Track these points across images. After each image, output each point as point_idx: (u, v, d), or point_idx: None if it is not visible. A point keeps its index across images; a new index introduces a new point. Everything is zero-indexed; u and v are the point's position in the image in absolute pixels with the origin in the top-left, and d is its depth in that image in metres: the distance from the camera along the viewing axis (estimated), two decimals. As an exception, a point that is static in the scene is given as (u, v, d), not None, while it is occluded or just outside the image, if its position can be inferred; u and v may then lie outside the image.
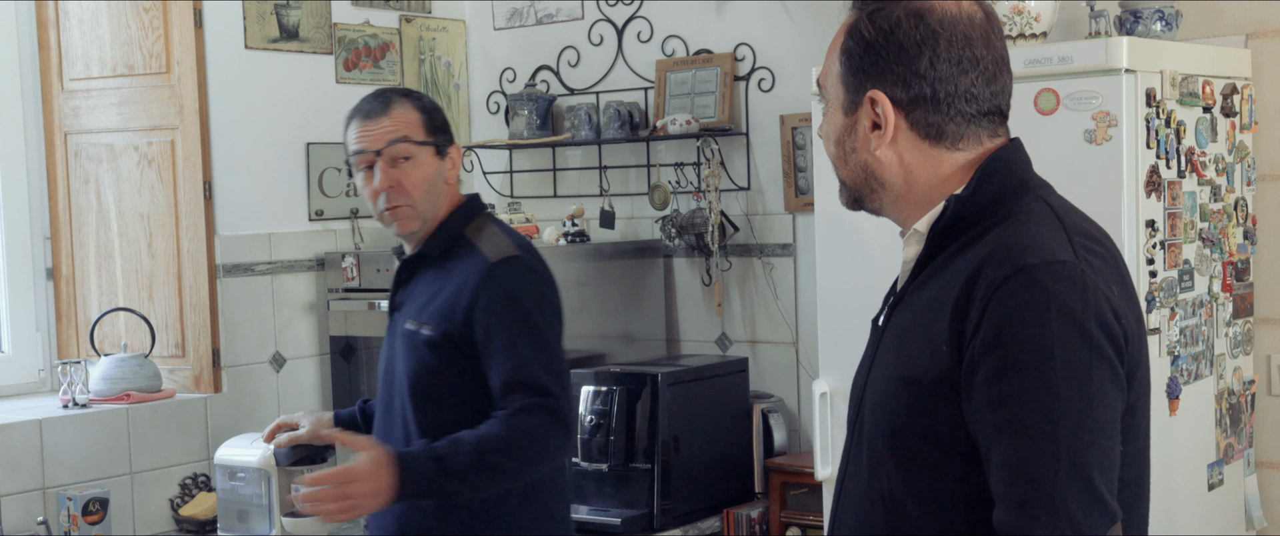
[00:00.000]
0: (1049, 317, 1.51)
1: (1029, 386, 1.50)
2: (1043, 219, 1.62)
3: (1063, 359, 1.50)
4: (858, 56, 1.68)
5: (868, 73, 1.67)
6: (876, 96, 1.67)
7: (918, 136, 1.67)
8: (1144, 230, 2.92)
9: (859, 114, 1.69)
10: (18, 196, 4.01)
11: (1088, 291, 1.53)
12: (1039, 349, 1.51)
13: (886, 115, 1.67)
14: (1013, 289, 1.53)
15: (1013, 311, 1.52)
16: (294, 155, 4.20)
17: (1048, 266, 1.54)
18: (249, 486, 3.58)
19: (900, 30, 1.65)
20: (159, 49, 3.93)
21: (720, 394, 3.90)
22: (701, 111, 4.17)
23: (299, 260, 4.17)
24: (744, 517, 3.79)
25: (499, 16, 4.65)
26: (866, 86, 1.67)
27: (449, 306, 2.66)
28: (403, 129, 2.69)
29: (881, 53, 1.66)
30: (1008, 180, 1.67)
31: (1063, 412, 1.49)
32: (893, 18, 1.66)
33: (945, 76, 1.66)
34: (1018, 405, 1.51)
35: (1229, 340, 3.27)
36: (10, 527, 3.51)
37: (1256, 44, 3.36)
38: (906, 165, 1.68)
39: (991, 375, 1.52)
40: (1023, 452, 1.50)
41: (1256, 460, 3.40)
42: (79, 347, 4.03)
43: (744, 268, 4.18)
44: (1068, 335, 1.51)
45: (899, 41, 1.65)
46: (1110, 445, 1.53)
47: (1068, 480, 1.48)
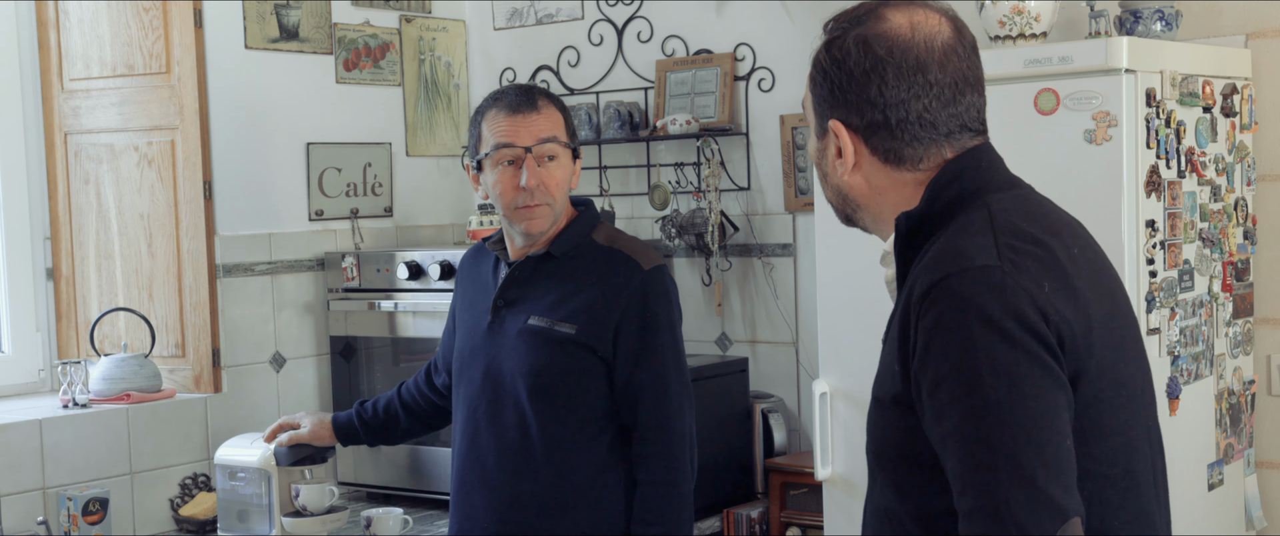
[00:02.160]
0: (968, 324, 1.53)
1: (959, 394, 1.52)
2: (974, 226, 1.62)
3: (987, 364, 1.51)
4: (819, 85, 1.73)
5: (827, 102, 1.72)
6: (834, 126, 1.71)
7: (879, 161, 1.71)
8: (1144, 230, 2.92)
9: (826, 140, 1.74)
10: (18, 196, 4.01)
11: (1006, 292, 1.54)
12: (961, 356, 1.52)
13: (845, 143, 1.71)
14: (933, 300, 1.56)
15: (934, 322, 1.55)
16: (294, 155, 4.20)
17: (964, 273, 1.55)
18: (249, 486, 3.58)
19: (850, 59, 1.69)
20: (159, 49, 3.93)
21: (720, 394, 3.90)
22: (701, 111, 4.17)
23: (299, 260, 4.18)
24: (744, 517, 3.79)
25: (499, 16, 4.65)
26: (827, 115, 1.72)
27: (594, 308, 2.70)
28: (553, 129, 2.74)
29: (835, 82, 1.70)
30: (960, 190, 1.68)
31: (993, 416, 1.50)
32: (843, 47, 1.70)
33: (895, 102, 1.68)
34: (953, 415, 1.53)
35: (1229, 340, 3.27)
36: (10, 527, 3.51)
37: (1256, 44, 3.36)
38: (875, 187, 1.72)
39: (929, 388, 1.55)
40: (964, 461, 1.51)
41: (1256, 460, 3.40)
42: (79, 347, 4.03)
43: (744, 268, 4.18)
44: (987, 339, 1.52)
45: (849, 70, 1.69)
46: (1052, 440, 1.52)
47: (1008, 483, 1.49)
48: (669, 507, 2.71)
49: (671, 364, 2.73)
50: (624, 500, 2.73)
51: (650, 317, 2.71)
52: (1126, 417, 1.66)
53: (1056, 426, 1.53)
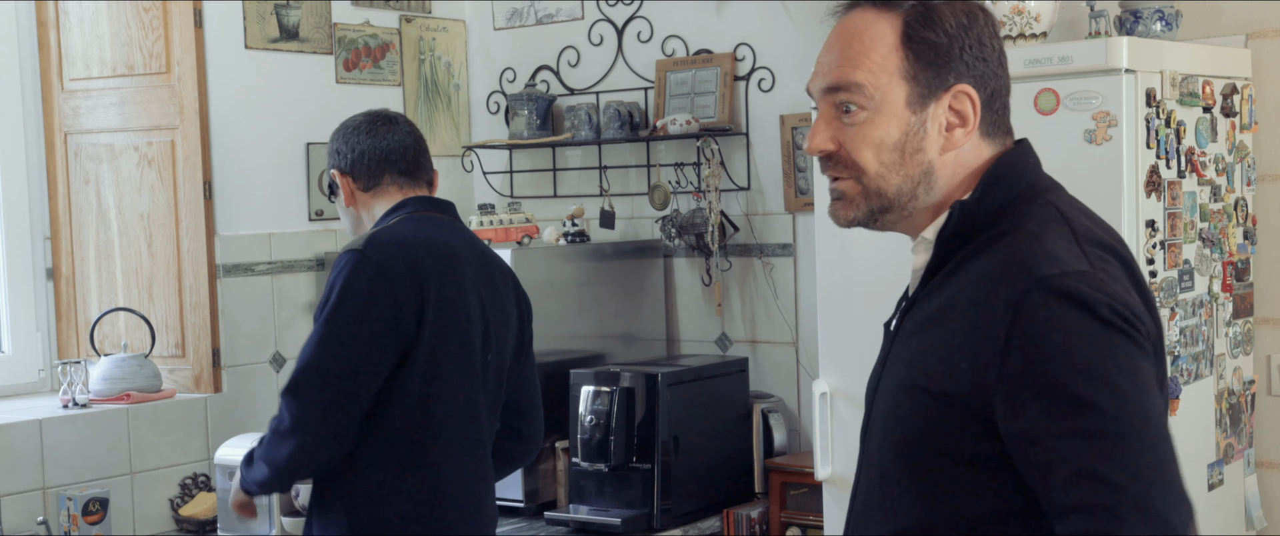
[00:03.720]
0: (1088, 325, 1.47)
1: (1087, 394, 1.45)
2: (1053, 229, 1.57)
3: (1113, 364, 1.47)
4: (939, 48, 1.60)
5: (951, 68, 1.61)
6: (966, 89, 1.61)
7: (979, 136, 1.64)
8: (1144, 230, 2.92)
9: (933, 110, 1.61)
10: (18, 196, 4.01)
11: (1114, 297, 1.50)
12: (1084, 357, 1.46)
13: (975, 110, 1.62)
14: (1039, 304, 1.48)
15: (1044, 326, 1.48)
16: (294, 155, 4.20)
17: (1067, 276, 1.50)
18: (249, 486, 3.58)
19: (976, 22, 1.62)
20: (159, 49, 3.93)
21: (720, 394, 3.90)
22: (701, 111, 4.17)
23: (299, 260, 4.18)
24: (744, 517, 3.79)
25: (499, 16, 4.65)
26: (950, 81, 1.61)
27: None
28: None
29: (963, 45, 1.61)
30: (1015, 185, 1.62)
31: (1128, 413, 1.45)
32: (967, 10, 1.62)
33: (1000, 75, 1.64)
34: (1079, 415, 1.45)
35: (1229, 340, 3.27)
36: (10, 527, 3.51)
37: (1256, 44, 3.36)
38: (959, 166, 1.64)
39: (1040, 391, 1.47)
40: (1097, 460, 1.44)
41: (1256, 460, 3.40)
42: (79, 347, 4.03)
43: (744, 268, 4.18)
44: (1112, 339, 1.47)
45: (978, 36, 1.62)
46: (1170, 438, 1.50)
47: (1150, 479, 1.44)
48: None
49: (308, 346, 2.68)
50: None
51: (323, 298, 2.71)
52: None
53: (1167, 425, 1.51)
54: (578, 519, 3.67)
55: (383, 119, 2.90)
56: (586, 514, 3.69)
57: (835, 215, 1.69)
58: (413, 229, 2.77)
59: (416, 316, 2.67)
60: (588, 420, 3.66)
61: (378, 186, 2.85)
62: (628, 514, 3.64)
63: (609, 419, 3.64)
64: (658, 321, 4.29)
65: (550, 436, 3.84)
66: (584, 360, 3.97)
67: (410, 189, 2.86)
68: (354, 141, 2.87)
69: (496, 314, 2.85)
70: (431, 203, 2.86)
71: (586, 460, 3.69)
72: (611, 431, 3.64)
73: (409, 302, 2.66)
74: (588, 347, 4.04)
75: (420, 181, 2.89)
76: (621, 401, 3.65)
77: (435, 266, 2.72)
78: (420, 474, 2.71)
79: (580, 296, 4.04)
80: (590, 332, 4.06)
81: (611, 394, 3.66)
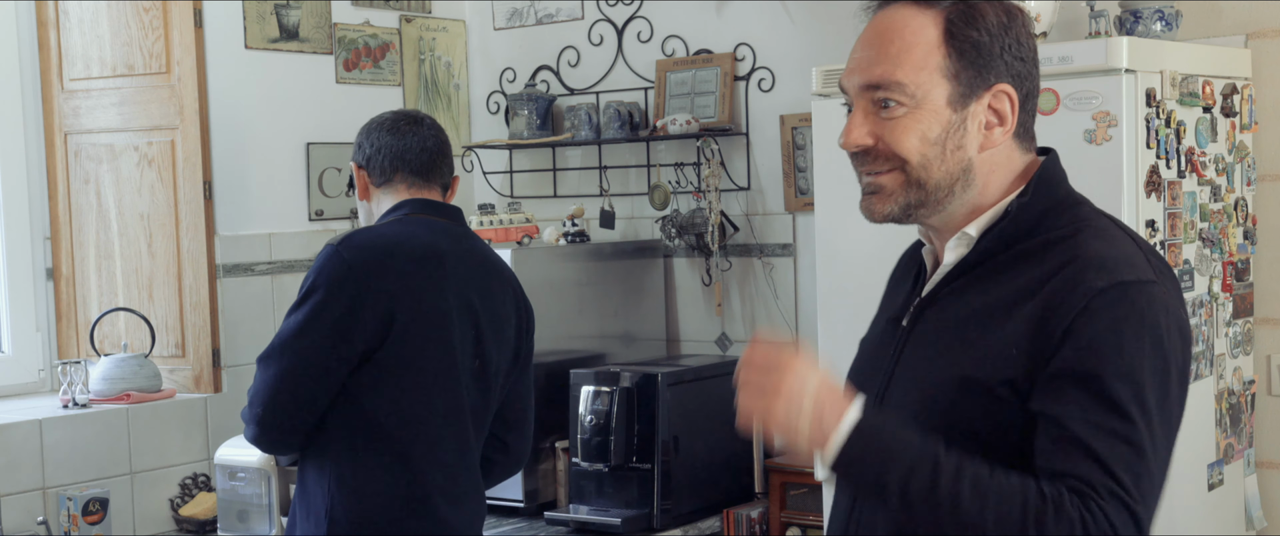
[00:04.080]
0: (1142, 336, 1.53)
1: (1124, 400, 1.51)
2: (1120, 236, 1.62)
3: (1155, 379, 1.53)
4: (981, 48, 1.61)
5: (992, 67, 1.62)
6: (1007, 89, 1.63)
7: (1013, 137, 1.66)
8: (1144, 230, 2.92)
9: (973, 108, 1.63)
10: (18, 196, 4.01)
11: (1172, 316, 1.57)
12: (1134, 366, 1.52)
13: (1013, 110, 1.64)
14: (1111, 301, 1.53)
15: (1107, 324, 1.52)
16: (294, 155, 4.20)
17: (1142, 286, 1.55)
18: (249, 486, 3.58)
19: (1016, 25, 1.64)
20: (159, 49, 3.93)
21: (720, 394, 3.88)
22: (701, 111, 4.17)
23: (299, 260, 4.17)
24: (744, 517, 3.79)
25: (499, 16, 4.65)
26: (991, 81, 1.62)
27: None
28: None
29: (1006, 46, 1.62)
30: (1057, 190, 1.66)
31: (1154, 434, 1.52)
32: (1007, 10, 1.63)
33: (1034, 75, 1.66)
34: (1111, 416, 1.50)
35: (1229, 340, 3.27)
36: (10, 527, 3.51)
37: (1256, 44, 3.36)
38: (995, 165, 1.65)
39: (1081, 382, 1.52)
40: (1111, 456, 1.49)
41: (1256, 460, 3.40)
42: (79, 347, 4.03)
43: (744, 268, 4.18)
44: (1158, 356, 1.54)
45: (1017, 36, 1.63)
46: (1166, 463, 1.57)
47: (1147, 498, 1.52)
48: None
49: (278, 332, 2.73)
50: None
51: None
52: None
53: (1174, 435, 1.60)
54: (578, 519, 3.67)
55: (408, 119, 2.92)
56: (586, 514, 3.69)
57: (870, 209, 1.68)
58: (398, 230, 2.78)
59: (384, 317, 2.68)
60: (588, 420, 3.67)
61: (389, 184, 2.88)
62: (628, 514, 3.64)
63: (609, 419, 3.64)
64: (658, 321, 4.29)
65: (550, 436, 3.84)
66: (584, 360, 3.97)
67: (419, 190, 2.87)
68: (375, 138, 2.90)
69: (490, 319, 2.84)
70: (432, 206, 2.87)
71: (586, 460, 3.69)
72: (611, 431, 3.64)
73: (373, 302, 2.67)
74: (588, 347, 4.04)
75: (433, 184, 2.90)
76: (621, 401, 3.65)
77: (410, 268, 2.72)
78: (401, 474, 2.72)
79: (580, 296, 4.04)
80: (590, 332, 4.06)
81: (611, 394, 3.66)
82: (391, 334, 2.68)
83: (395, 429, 2.70)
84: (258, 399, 2.71)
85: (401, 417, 2.71)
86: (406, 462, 2.71)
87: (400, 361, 2.70)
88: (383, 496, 2.70)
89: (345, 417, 2.71)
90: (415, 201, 2.86)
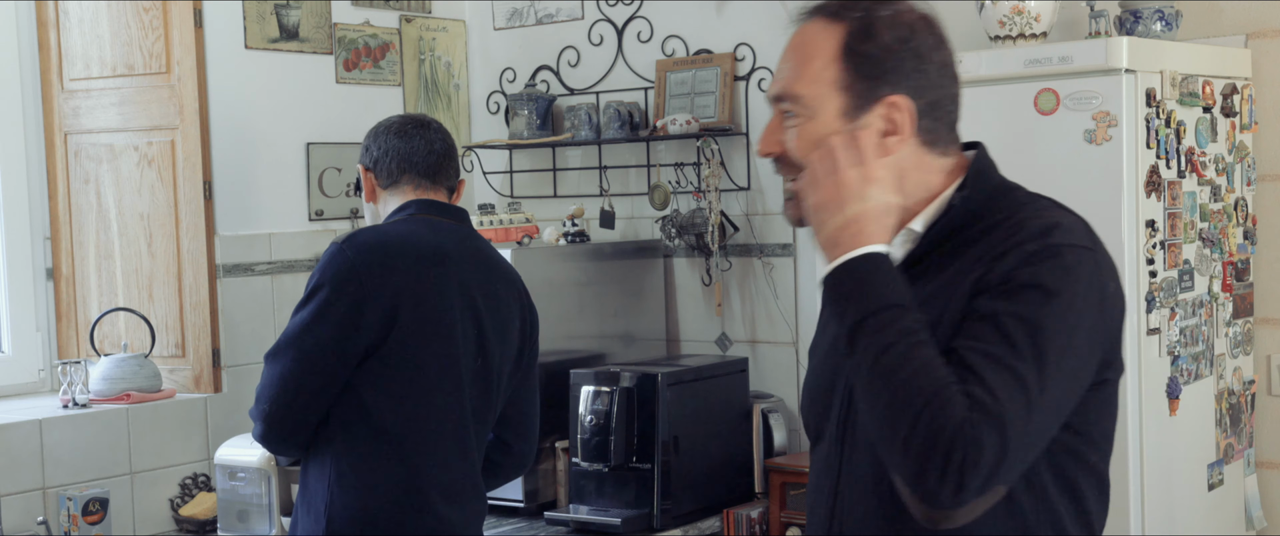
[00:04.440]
0: (1061, 290, 1.58)
1: (1017, 336, 1.56)
2: (1059, 209, 1.70)
3: (1059, 329, 1.57)
4: (873, 61, 1.67)
5: (884, 78, 1.67)
6: (898, 101, 1.67)
7: (917, 143, 1.70)
8: (1144, 230, 2.92)
9: (866, 119, 1.67)
10: (18, 196, 4.01)
11: (1096, 281, 1.63)
12: (1055, 313, 1.57)
13: (908, 120, 1.67)
14: (1037, 257, 1.60)
15: (1031, 275, 1.59)
16: (294, 155, 4.20)
17: (1074, 249, 1.62)
18: (249, 486, 3.58)
19: (917, 37, 1.68)
20: (159, 49, 3.93)
21: (720, 394, 3.90)
22: (701, 111, 4.17)
23: (299, 260, 4.17)
24: (744, 517, 3.79)
25: (499, 16, 4.65)
26: (882, 91, 1.67)
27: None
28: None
29: (900, 58, 1.67)
30: (992, 180, 1.73)
31: (1042, 370, 1.55)
32: (907, 23, 1.68)
33: (944, 85, 1.70)
34: (1002, 344, 1.55)
35: (1229, 340, 3.27)
36: (10, 527, 3.51)
37: (1256, 44, 3.36)
38: (900, 170, 1.68)
39: (988, 315, 1.58)
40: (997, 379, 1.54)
41: (1256, 460, 3.40)
42: (79, 347, 4.03)
43: (744, 268, 4.18)
44: (1070, 313, 1.59)
45: (916, 48, 1.68)
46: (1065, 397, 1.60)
47: (1027, 419, 1.54)
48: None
49: (285, 330, 2.77)
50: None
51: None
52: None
53: (1067, 396, 1.61)
54: (578, 519, 3.67)
55: (416, 122, 2.96)
56: (586, 514, 3.69)
57: (786, 214, 1.78)
58: (403, 229, 2.82)
59: (387, 314, 2.70)
60: (588, 420, 3.67)
61: (396, 186, 2.92)
62: (628, 514, 3.64)
63: (609, 419, 3.64)
64: (658, 321, 4.29)
65: (550, 436, 3.84)
66: (584, 360, 3.97)
67: (426, 191, 2.91)
68: (383, 140, 2.94)
69: (494, 320, 2.86)
70: (438, 206, 2.89)
71: (586, 460, 3.69)
72: (611, 431, 3.64)
73: (377, 298, 2.69)
74: (588, 347, 4.04)
75: (439, 186, 2.93)
76: (621, 401, 3.65)
77: (414, 266, 2.75)
78: (400, 470, 2.73)
79: (580, 296, 4.04)
80: (590, 332, 4.06)
81: (611, 394, 3.66)
82: (394, 330, 2.70)
83: (395, 424, 2.72)
84: (265, 395, 2.74)
85: (401, 414, 2.72)
86: (405, 459, 2.72)
87: (402, 358, 2.72)
88: (381, 491, 2.71)
89: (346, 413, 2.72)
90: (421, 202, 2.88)
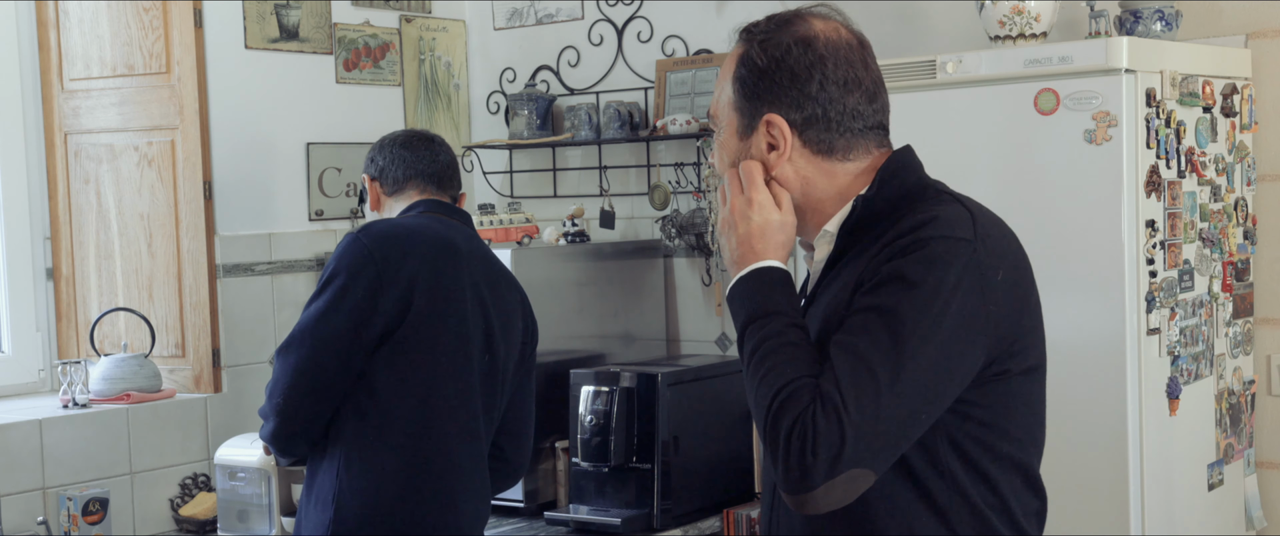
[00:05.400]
0: (927, 279, 1.65)
1: (872, 325, 1.65)
2: (949, 206, 1.76)
3: (921, 319, 1.64)
4: (752, 83, 1.81)
5: (763, 98, 1.81)
6: (772, 118, 1.80)
7: (810, 152, 1.81)
8: (1144, 230, 2.92)
9: (754, 137, 1.82)
10: (18, 196, 4.01)
11: (972, 270, 1.68)
12: (905, 300, 1.65)
13: (783, 135, 1.80)
14: (906, 249, 1.68)
15: (897, 268, 1.67)
16: (294, 155, 4.20)
17: (948, 241, 1.68)
18: (249, 486, 3.58)
19: (790, 57, 1.80)
20: (159, 49, 3.93)
21: (720, 394, 3.90)
22: (701, 111, 4.16)
23: (299, 260, 4.18)
24: (744, 517, 3.79)
25: (499, 16, 4.65)
26: (762, 110, 1.81)
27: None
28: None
29: (774, 78, 1.80)
30: (908, 179, 1.81)
31: (898, 358, 1.63)
32: (783, 45, 1.80)
33: (833, 97, 1.80)
34: (860, 335, 1.65)
35: (1229, 340, 3.27)
36: (10, 527, 3.51)
37: (1256, 44, 3.36)
38: (803, 178, 1.81)
39: (858, 310, 1.67)
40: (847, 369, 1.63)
41: (1256, 460, 3.40)
42: (79, 347, 4.03)
43: (744, 268, 4.17)
44: (936, 301, 1.65)
45: (790, 67, 1.80)
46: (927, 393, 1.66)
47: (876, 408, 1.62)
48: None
49: (300, 319, 2.78)
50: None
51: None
52: (1043, 402, 1.85)
53: (937, 396, 1.67)
54: (578, 519, 3.67)
55: (422, 137, 3.04)
56: (586, 514, 3.68)
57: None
58: (416, 221, 2.88)
59: (402, 300, 2.73)
60: (588, 420, 3.66)
61: (401, 190, 3.01)
62: (628, 514, 3.63)
63: (609, 419, 3.64)
64: (658, 321, 4.29)
65: (550, 436, 3.84)
66: (584, 360, 3.97)
67: (432, 194, 2.99)
68: (390, 152, 3.00)
69: (501, 320, 2.90)
70: (445, 207, 2.96)
71: (586, 460, 3.69)
72: (611, 431, 3.64)
73: (394, 286, 2.72)
74: (588, 347, 4.04)
75: (444, 193, 3.02)
76: (621, 401, 3.65)
77: (430, 256, 2.79)
78: (412, 457, 2.76)
79: (580, 296, 4.04)
80: (590, 332, 4.06)
81: (611, 394, 3.66)
82: (409, 316, 2.74)
83: (406, 410, 2.74)
84: (278, 388, 2.75)
85: (414, 399, 2.75)
86: (416, 444, 2.76)
87: (414, 343, 2.76)
88: (391, 477, 2.73)
89: (358, 402, 2.75)
90: (430, 201, 2.95)
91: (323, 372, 2.72)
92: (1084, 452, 2.91)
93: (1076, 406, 2.87)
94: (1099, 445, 2.92)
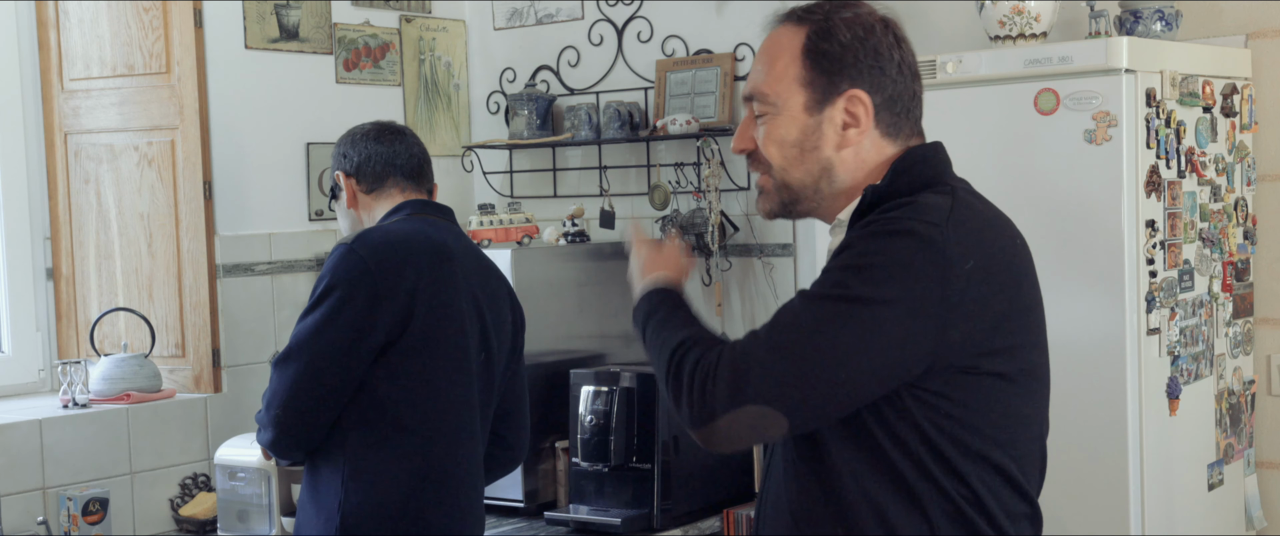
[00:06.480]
0: (884, 254, 1.68)
1: (793, 304, 1.70)
2: (935, 200, 1.75)
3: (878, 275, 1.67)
4: (835, 56, 1.80)
5: (845, 74, 1.80)
6: (858, 94, 1.80)
7: (878, 134, 1.82)
8: (1144, 230, 2.92)
9: (829, 113, 1.81)
10: (18, 196, 4.01)
11: (938, 246, 1.68)
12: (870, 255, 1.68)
13: (867, 112, 1.80)
14: (874, 225, 1.71)
15: (863, 237, 1.71)
16: (294, 155, 4.20)
17: (909, 222, 1.70)
18: (249, 486, 3.58)
19: (874, 36, 1.80)
20: (159, 49, 3.93)
21: (720, 394, 3.89)
22: (701, 111, 4.17)
23: (299, 260, 4.18)
24: (744, 517, 3.79)
25: (499, 16, 4.65)
26: (842, 86, 1.80)
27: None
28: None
29: (858, 55, 1.79)
30: (923, 173, 1.81)
31: (834, 317, 1.67)
32: (866, 24, 1.81)
33: (907, 81, 1.82)
34: (824, 285, 1.70)
35: (1229, 340, 3.27)
36: (10, 527, 3.51)
37: (1256, 44, 3.36)
38: (862, 161, 1.83)
39: (824, 272, 1.73)
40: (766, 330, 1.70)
41: (1256, 460, 3.40)
42: (79, 347, 4.03)
43: (744, 267, 4.18)
44: (880, 272, 1.67)
45: (874, 46, 1.80)
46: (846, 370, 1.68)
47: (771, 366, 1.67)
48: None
49: (294, 333, 2.76)
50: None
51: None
52: (1033, 410, 1.84)
53: (861, 364, 1.68)
54: (578, 519, 3.67)
55: (391, 129, 2.98)
56: (586, 514, 3.69)
57: (758, 207, 1.92)
58: (408, 228, 2.85)
59: (403, 312, 2.72)
60: (588, 420, 3.67)
61: (381, 189, 2.93)
62: (628, 514, 3.64)
63: (609, 419, 3.64)
64: (658, 321, 4.28)
65: (550, 436, 3.84)
66: (584, 360, 3.97)
67: (412, 193, 2.93)
68: (361, 146, 2.95)
69: (494, 317, 2.90)
70: (431, 206, 2.92)
71: (586, 460, 3.69)
72: (611, 431, 3.64)
73: (393, 298, 2.71)
74: (588, 347, 4.04)
75: (422, 189, 2.98)
76: (621, 401, 3.65)
77: (427, 263, 2.77)
78: (418, 463, 2.75)
79: (580, 296, 4.04)
80: (590, 332, 4.06)
81: (611, 394, 3.66)
82: (410, 326, 2.72)
83: (411, 417, 2.74)
84: (276, 400, 2.73)
85: (418, 406, 2.75)
86: (422, 450, 2.76)
87: (416, 352, 2.75)
88: (397, 485, 2.73)
89: (362, 410, 2.74)
90: (414, 202, 2.90)
91: (320, 385, 2.70)
92: (1084, 452, 2.91)
93: (1076, 406, 2.87)
94: (1099, 445, 2.92)
